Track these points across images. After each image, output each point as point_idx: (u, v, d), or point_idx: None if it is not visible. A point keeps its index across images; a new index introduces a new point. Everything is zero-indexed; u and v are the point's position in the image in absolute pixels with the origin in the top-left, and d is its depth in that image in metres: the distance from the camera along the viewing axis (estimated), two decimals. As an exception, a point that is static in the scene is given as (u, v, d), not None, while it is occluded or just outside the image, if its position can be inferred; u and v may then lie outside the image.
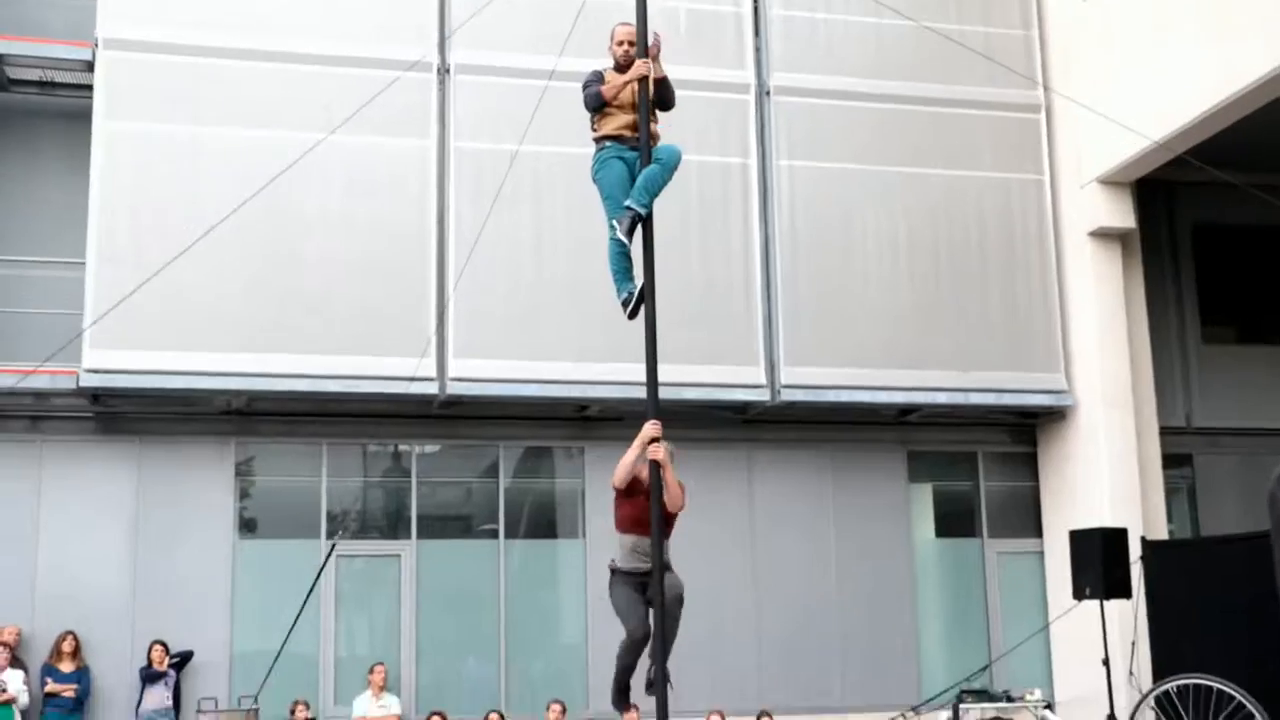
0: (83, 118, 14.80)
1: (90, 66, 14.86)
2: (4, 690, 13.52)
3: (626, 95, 7.94)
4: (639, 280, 7.80)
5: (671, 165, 7.92)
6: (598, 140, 8.09)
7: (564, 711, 14.90)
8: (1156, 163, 15.72)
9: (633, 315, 7.88)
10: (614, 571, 8.00)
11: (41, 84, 15.62)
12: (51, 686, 14.00)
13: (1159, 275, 17.94)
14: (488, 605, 16.06)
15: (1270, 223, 16.82)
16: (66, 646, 14.19)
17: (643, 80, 7.76)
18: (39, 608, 14.53)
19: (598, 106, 7.91)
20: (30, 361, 13.49)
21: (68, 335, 13.41)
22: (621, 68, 7.96)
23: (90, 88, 14.80)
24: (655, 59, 7.82)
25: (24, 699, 13.74)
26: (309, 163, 12.92)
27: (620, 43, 7.93)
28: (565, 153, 14.50)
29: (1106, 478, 16.25)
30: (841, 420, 17.07)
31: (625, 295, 7.87)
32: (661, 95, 7.93)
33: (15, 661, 13.90)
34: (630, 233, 7.71)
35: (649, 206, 7.67)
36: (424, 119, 15.42)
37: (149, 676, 14.25)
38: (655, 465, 7.33)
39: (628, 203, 7.76)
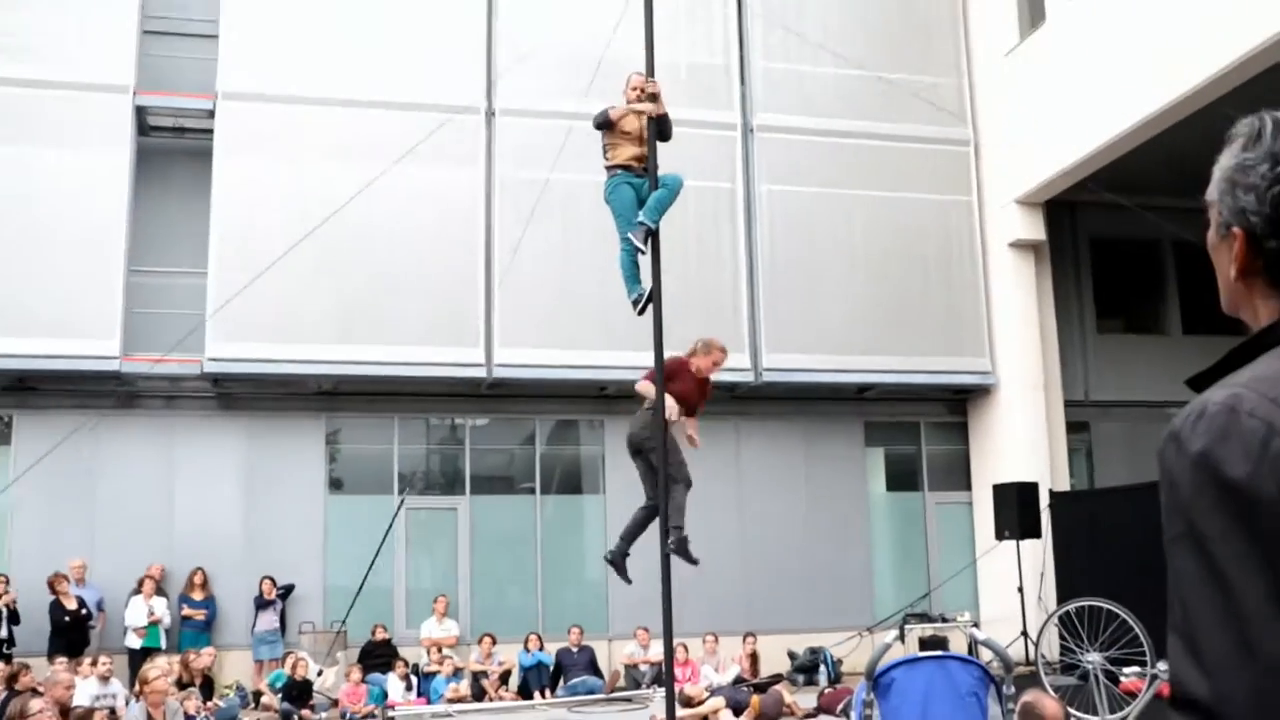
0: (205, 155, 15.09)
1: (211, 114, 15.17)
2: (152, 613, 13.99)
3: (635, 128, 8.24)
4: (646, 283, 8.10)
5: (676, 189, 8.23)
6: (609, 169, 8.34)
7: (582, 633, 15.18)
8: (1062, 187, 16.01)
9: (641, 312, 8.17)
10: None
11: (174, 129, 15.84)
12: (186, 611, 14.53)
13: (1064, 279, 17.96)
14: (527, 548, 16.34)
15: (1151, 236, 17.06)
16: (197, 579, 14.66)
17: (650, 119, 8.14)
18: (175, 550, 14.87)
19: (603, 124, 8.24)
20: (164, 352, 13.83)
21: (195, 332, 13.74)
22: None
23: (211, 131, 15.12)
24: (657, 99, 8.20)
25: (166, 620, 14.22)
26: (383, 189, 13.37)
27: (634, 88, 8.30)
28: (587, 180, 13.95)
29: (1022, 441, 16.56)
30: (811, 396, 17.18)
31: (635, 295, 8.16)
32: (661, 129, 8.25)
33: (159, 591, 14.32)
34: (645, 242, 8.03)
35: (658, 222, 8.04)
36: (474, 152, 15.60)
37: (261, 604, 14.66)
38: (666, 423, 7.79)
39: (641, 218, 8.04)
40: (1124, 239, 18.17)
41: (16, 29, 14.69)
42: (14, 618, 13.55)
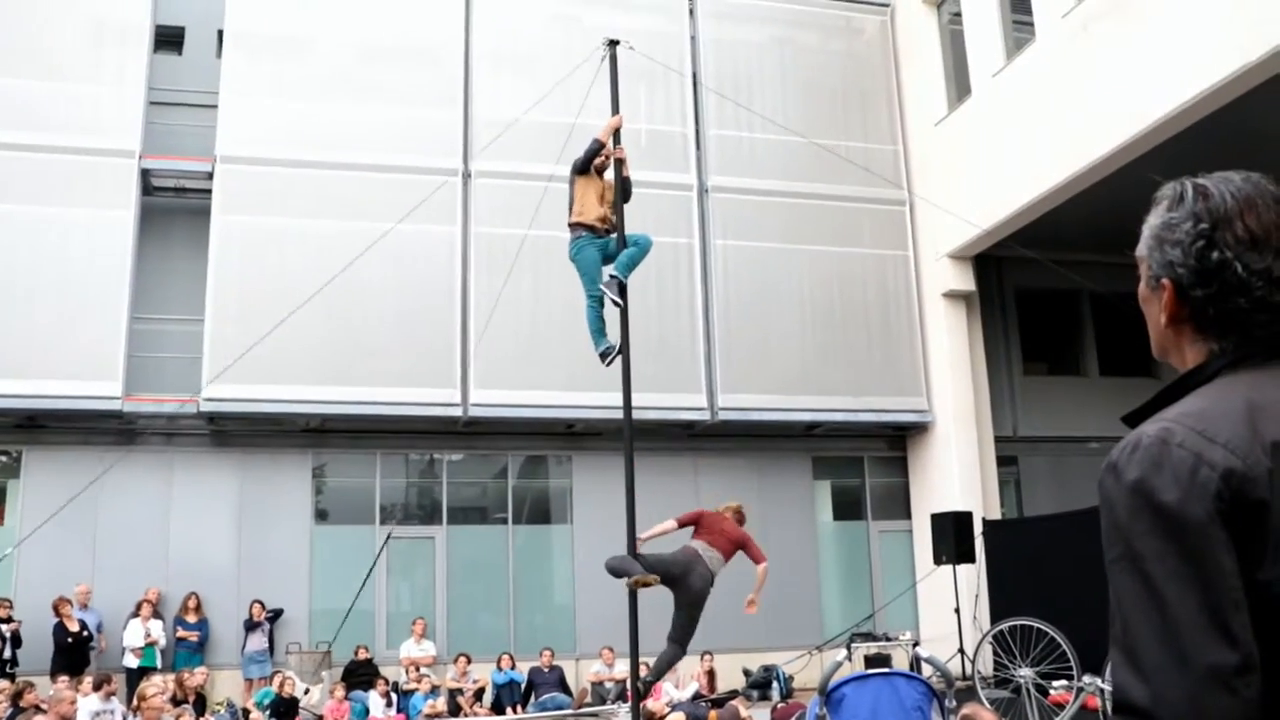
0: (204, 214, 15.12)
1: (210, 176, 15.19)
2: (149, 635, 13.83)
3: (599, 190, 8.39)
4: (612, 337, 8.13)
5: (646, 248, 8.38)
6: (573, 226, 8.37)
7: (553, 655, 15.10)
8: (988, 243, 16.18)
9: (609, 364, 8.21)
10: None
11: (175, 190, 15.84)
12: (181, 633, 14.36)
13: (992, 325, 18.09)
14: (500, 574, 16.24)
15: (1069, 287, 17.07)
16: (191, 603, 14.53)
17: (620, 179, 8.36)
18: (171, 575, 14.74)
19: (595, 151, 8.45)
20: (164, 393, 14.01)
21: (192, 375, 13.85)
22: (599, 171, 8.56)
23: (210, 191, 15.14)
24: (623, 163, 8.48)
25: (162, 642, 14.05)
26: (367, 243, 13.23)
27: (605, 154, 8.53)
28: (555, 236, 14.22)
29: (956, 474, 16.57)
30: (763, 434, 17.15)
31: (604, 349, 8.18)
32: (625, 189, 8.49)
33: (155, 614, 14.18)
34: (620, 294, 8.08)
35: (628, 276, 8.15)
36: (452, 211, 15.61)
37: (250, 626, 14.49)
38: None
39: (613, 272, 8.09)
40: (1046, 290, 18.26)
41: (37, 101, 14.81)
42: (16, 641, 13.35)
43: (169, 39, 16.66)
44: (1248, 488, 1.29)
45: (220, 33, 16.00)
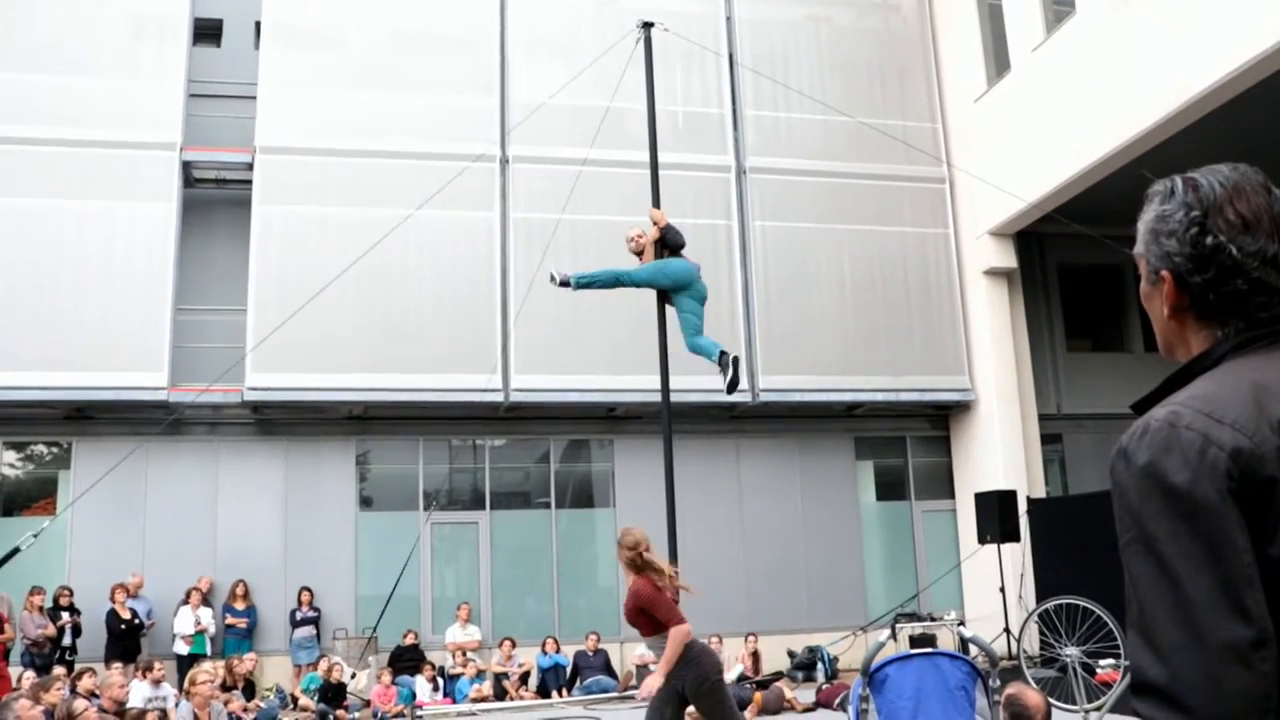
0: (244, 204, 15.26)
1: (250, 167, 15.34)
2: (199, 623, 14.05)
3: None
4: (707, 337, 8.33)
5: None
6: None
7: (599, 639, 15.20)
8: (1030, 219, 16.02)
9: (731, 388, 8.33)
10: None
11: (216, 181, 15.97)
12: (230, 620, 14.54)
13: (1034, 302, 17.99)
14: (543, 558, 16.33)
15: (1112, 262, 16.94)
16: (239, 591, 14.70)
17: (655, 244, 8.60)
18: (219, 563, 14.94)
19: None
20: (208, 382, 13.87)
21: (236, 364, 13.98)
22: (636, 254, 8.85)
23: (250, 182, 15.28)
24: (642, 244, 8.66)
25: (212, 629, 14.27)
26: (408, 231, 13.46)
27: (632, 239, 8.82)
28: (595, 219, 14.87)
29: (1000, 453, 16.50)
30: (805, 414, 17.12)
31: (719, 354, 8.42)
32: (671, 240, 8.71)
33: (205, 602, 14.39)
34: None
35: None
36: (490, 197, 15.68)
37: (297, 623, 14.69)
38: None
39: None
40: (1089, 265, 18.11)
41: (78, 96, 15.03)
42: (77, 631, 13.64)
43: (207, 31, 16.80)
44: (1257, 466, 1.31)
45: (258, 24, 16.11)
